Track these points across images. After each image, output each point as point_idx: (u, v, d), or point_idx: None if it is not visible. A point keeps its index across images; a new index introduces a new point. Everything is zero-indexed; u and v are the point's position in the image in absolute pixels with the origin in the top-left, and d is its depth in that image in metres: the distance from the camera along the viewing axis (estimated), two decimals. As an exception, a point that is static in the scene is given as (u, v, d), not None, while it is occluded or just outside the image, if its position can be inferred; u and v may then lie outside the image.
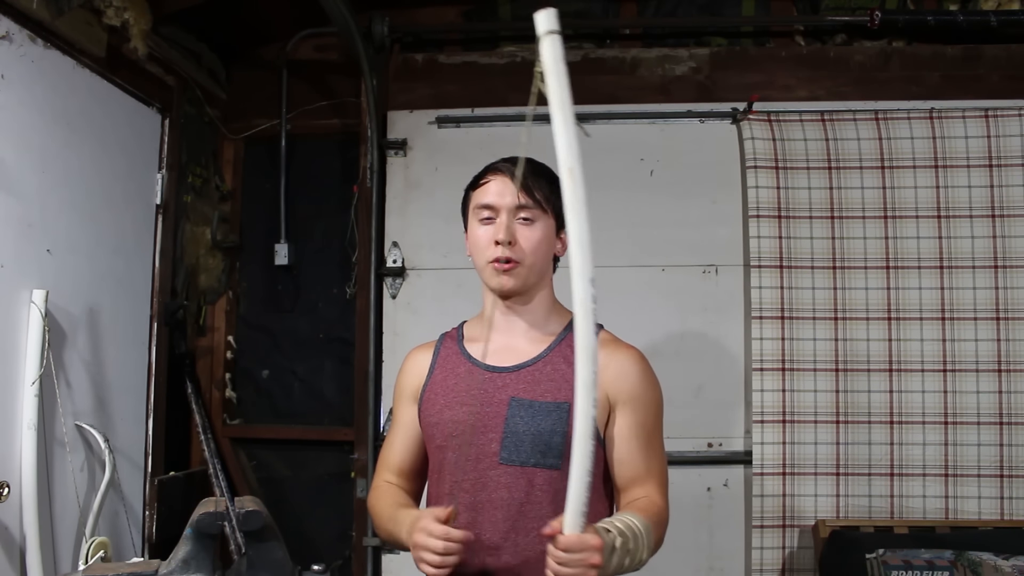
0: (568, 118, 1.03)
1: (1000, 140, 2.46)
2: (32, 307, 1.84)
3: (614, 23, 2.76)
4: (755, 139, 2.50)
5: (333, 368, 2.81)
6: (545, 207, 1.38)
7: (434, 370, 1.47)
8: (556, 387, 1.35)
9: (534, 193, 1.37)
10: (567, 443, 1.29)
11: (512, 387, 1.37)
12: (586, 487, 1.11)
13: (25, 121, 1.86)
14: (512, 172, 1.36)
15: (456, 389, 1.41)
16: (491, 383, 1.38)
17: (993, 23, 2.51)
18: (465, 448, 1.37)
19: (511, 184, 1.36)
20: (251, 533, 1.34)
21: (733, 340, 2.52)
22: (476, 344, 1.44)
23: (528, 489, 1.33)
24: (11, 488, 1.75)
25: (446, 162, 2.64)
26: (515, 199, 1.36)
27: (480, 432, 1.36)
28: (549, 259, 1.42)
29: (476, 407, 1.36)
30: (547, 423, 1.33)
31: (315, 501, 2.77)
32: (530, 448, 1.33)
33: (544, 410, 1.34)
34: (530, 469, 1.33)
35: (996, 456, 2.37)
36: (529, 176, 1.36)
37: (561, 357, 1.38)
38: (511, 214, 1.37)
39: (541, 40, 1.04)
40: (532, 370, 1.38)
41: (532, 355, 1.40)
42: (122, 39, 2.17)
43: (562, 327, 1.42)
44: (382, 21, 2.63)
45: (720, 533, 2.48)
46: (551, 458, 1.32)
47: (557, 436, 1.32)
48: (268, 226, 2.83)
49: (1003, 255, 2.42)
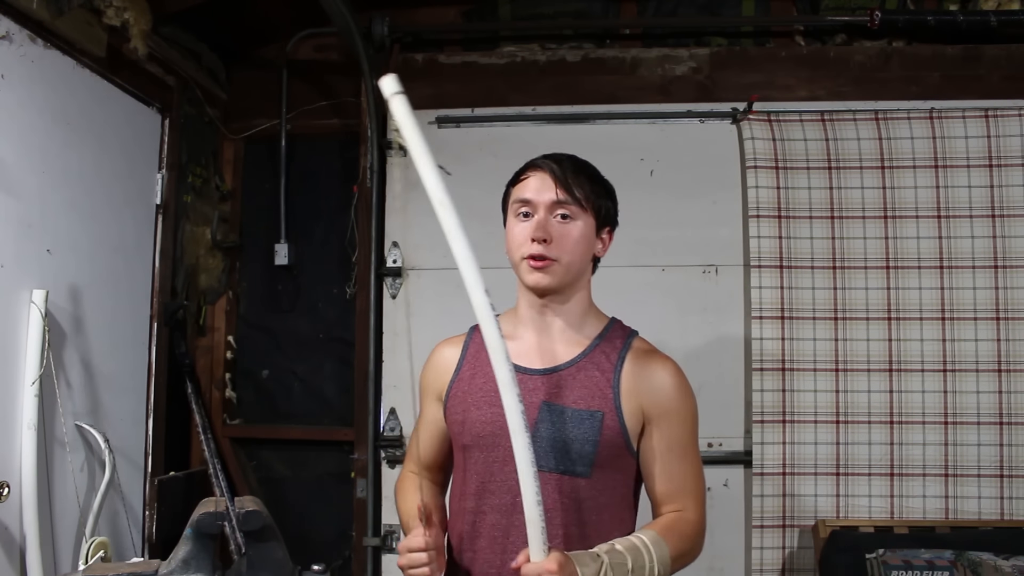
0: (428, 162, 1.16)
1: (1000, 140, 2.45)
2: (32, 307, 1.84)
3: (614, 23, 2.76)
4: (755, 139, 2.50)
5: (333, 368, 2.81)
6: (585, 205, 1.34)
7: (462, 367, 1.43)
8: (590, 394, 1.32)
9: (573, 191, 1.33)
10: (599, 452, 1.29)
11: (543, 391, 1.33)
12: (539, 515, 1.15)
13: (25, 121, 1.86)
14: (552, 168, 1.34)
15: (485, 388, 1.37)
16: (522, 385, 1.30)
17: (993, 23, 2.51)
18: (493, 449, 1.34)
19: (550, 180, 1.33)
20: (251, 533, 1.34)
21: (733, 340, 2.52)
22: (508, 341, 1.36)
23: (557, 496, 1.30)
24: (11, 488, 1.76)
25: (446, 162, 2.63)
26: (553, 195, 1.32)
27: (508, 435, 1.31)
28: (587, 259, 1.38)
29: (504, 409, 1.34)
30: (579, 431, 1.30)
31: (315, 501, 2.77)
32: (560, 453, 1.30)
33: (576, 418, 1.31)
34: (558, 476, 1.30)
35: (996, 456, 2.37)
36: (570, 173, 1.33)
37: (594, 364, 1.35)
38: (549, 210, 1.33)
39: (389, 101, 1.20)
40: (565, 375, 1.34)
41: (566, 359, 1.36)
42: (122, 39, 2.17)
43: (598, 331, 1.39)
44: (382, 21, 2.63)
45: (720, 533, 2.48)
46: (581, 466, 1.30)
47: (588, 445, 1.30)
48: (268, 226, 2.83)
49: (1003, 255, 2.42)
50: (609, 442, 1.30)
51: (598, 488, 1.32)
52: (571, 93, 2.65)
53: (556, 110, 2.65)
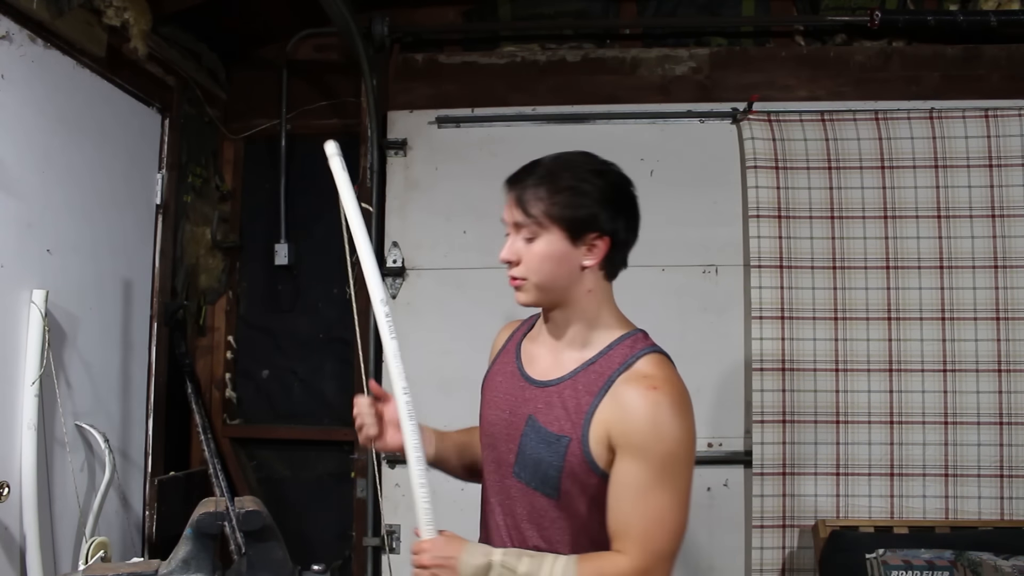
0: (355, 207, 1.41)
1: (1000, 140, 2.45)
2: (32, 307, 1.84)
3: (614, 23, 2.76)
4: (755, 139, 2.50)
5: (333, 368, 2.81)
6: (543, 222, 1.26)
7: (498, 358, 1.45)
8: (564, 416, 1.28)
9: (529, 210, 1.27)
10: (562, 478, 1.26)
11: (533, 404, 1.32)
12: (425, 495, 1.25)
13: (25, 121, 1.86)
14: (512, 189, 1.31)
15: (499, 389, 1.39)
16: (521, 393, 1.34)
17: (993, 23, 2.51)
18: (491, 450, 1.38)
19: (512, 201, 1.30)
20: (251, 533, 1.34)
21: (733, 340, 2.52)
22: (529, 345, 1.41)
23: (529, 509, 1.31)
24: (11, 488, 1.76)
25: (446, 162, 2.64)
26: (512, 218, 1.30)
27: (503, 440, 1.34)
28: (566, 272, 1.29)
29: (506, 414, 1.35)
30: (547, 453, 1.27)
31: (315, 501, 2.77)
32: (532, 471, 1.30)
33: (547, 439, 1.28)
34: (531, 491, 1.30)
35: (996, 456, 2.37)
36: (529, 190, 1.27)
37: (581, 383, 1.29)
38: (516, 231, 1.30)
39: (330, 160, 1.40)
40: (553, 391, 1.31)
41: (558, 375, 1.32)
42: (122, 39, 2.17)
43: (601, 347, 1.31)
44: (382, 21, 2.63)
45: (720, 533, 2.48)
46: (548, 488, 1.29)
47: (552, 469, 1.27)
48: (268, 226, 2.83)
49: (1003, 255, 2.42)
50: (572, 470, 1.26)
51: (568, 510, 1.29)
52: (571, 93, 2.65)
53: (556, 110, 2.65)
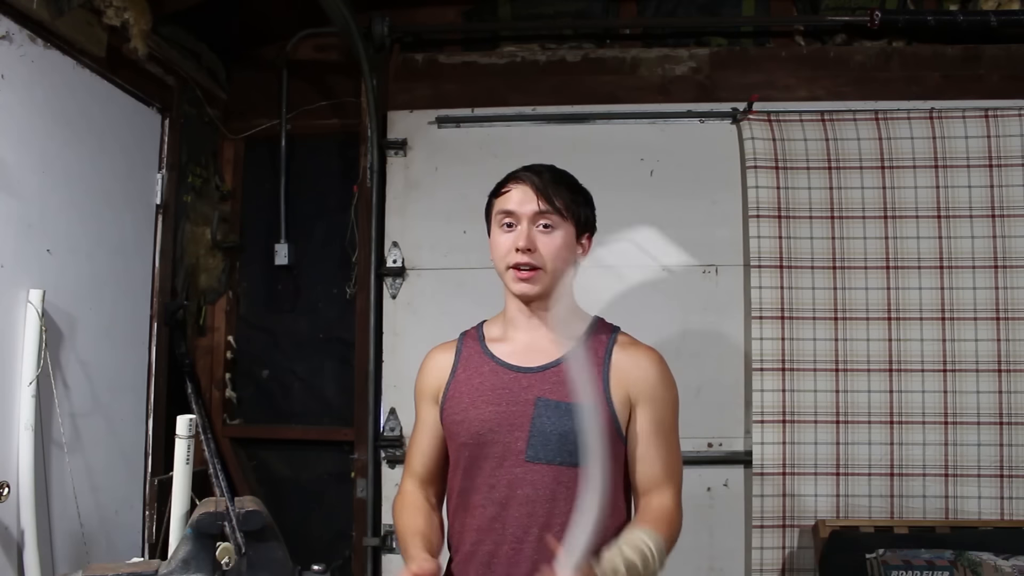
0: None
1: (1000, 140, 2.46)
2: (29, 307, 1.83)
3: (614, 23, 2.76)
4: (755, 139, 2.50)
5: (333, 368, 2.81)
6: (565, 214, 1.41)
7: (457, 369, 1.50)
8: (582, 385, 1.37)
9: (554, 201, 1.40)
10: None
11: (538, 387, 1.41)
12: (589, 533, 1.21)
13: (25, 121, 1.86)
14: (532, 181, 1.41)
15: (481, 388, 1.44)
16: (516, 383, 1.42)
17: (993, 23, 2.51)
18: (490, 446, 1.40)
19: (531, 192, 1.41)
20: (251, 533, 1.35)
21: (733, 340, 2.52)
22: (499, 344, 1.48)
23: (554, 486, 1.37)
24: (10, 488, 1.75)
25: (446, 162, 2.64)
26: (535, 206, 1.40)
27: (505, 431, 1.40)
28: (570, 264, 1.45)
29: (502, 406, 1.41)
30: (573, 423, 1.36)
31: (315, 501, 2.77)
32: (557, 447, 1.37)
33: (569, 411, 1.37)
34: (556, 467, 1.38)
35: (996, 456, 2.37)
36: (550, 184, 1.41)
37: (583, 357, 1.39)
38: (531, 221, 1.40)
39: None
40: (557, 371, 1.41)
41: (556, 356, 1.43)
42: (122, 39, 2.17)
43: (583, 329, 1.46)
44: (382, 21, 2.63)
45: (720, 533, 2.48)
46: (576, 457, 1.35)
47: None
48: (268, 226, 2.83)
49: (1003, 255, 2.42)
50: (603, 431, 1.35)
51: None
52: (571, 93, 2.66)
53: (556, 110, 2.65)
